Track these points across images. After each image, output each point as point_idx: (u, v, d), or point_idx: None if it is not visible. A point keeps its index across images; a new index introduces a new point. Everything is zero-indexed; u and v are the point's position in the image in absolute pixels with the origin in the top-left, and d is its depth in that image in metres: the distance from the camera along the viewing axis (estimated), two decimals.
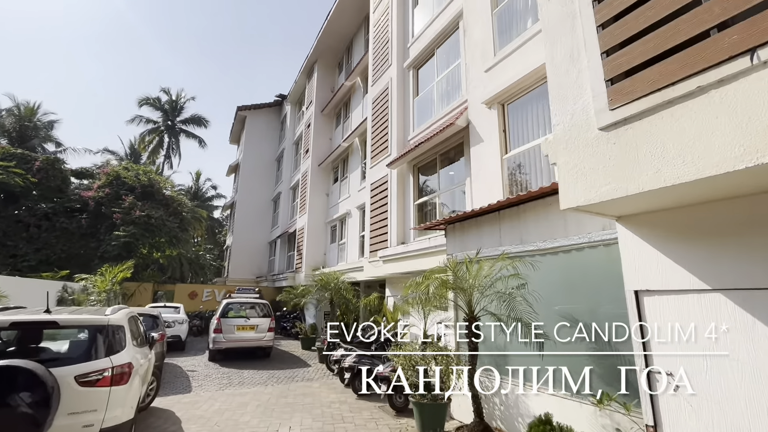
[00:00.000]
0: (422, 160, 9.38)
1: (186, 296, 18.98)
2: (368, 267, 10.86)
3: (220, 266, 35.62)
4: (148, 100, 28.10)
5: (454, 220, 6.09)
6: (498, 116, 6.60)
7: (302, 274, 16.76)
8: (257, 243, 24.39)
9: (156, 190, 19.38)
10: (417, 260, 8.20)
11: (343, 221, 16.15)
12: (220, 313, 10.41)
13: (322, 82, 19.37)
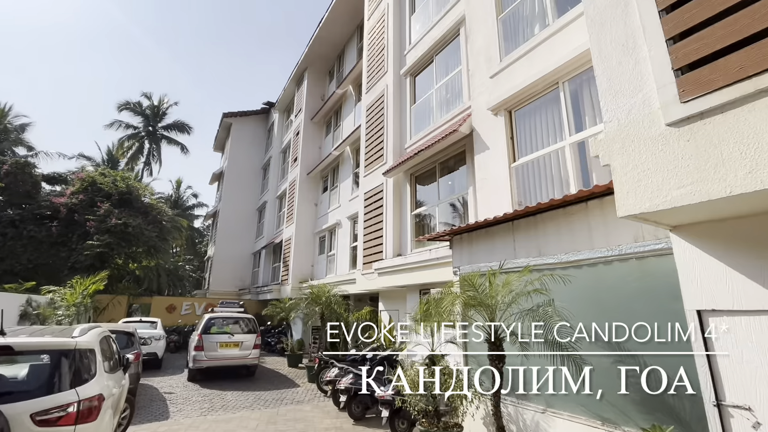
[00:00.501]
0: (420, 168, 9.06)
1: (163, 310, 17.94)
2: (361, 279, 10.37)
3: (200, 278, 34.29)
4: (129, 105, 27.12)
5: (461, 230, 5.73)
6: (505, 123, 6.34)
7: (288, 287, 16.08)
8: (240, 254, 23.51)
9: (135, 198, 18.43)
10: (416, 273, 7.79)
11: (332, 232, 15.63)
12: (202, 328, 9.69)
13: (312, 90, 19.02)
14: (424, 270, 7.56)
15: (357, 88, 15.55)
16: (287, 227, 17.79)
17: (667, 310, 3.31)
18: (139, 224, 17.16)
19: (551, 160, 5.70)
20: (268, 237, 21.19)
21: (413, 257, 7.93)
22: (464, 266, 5.66)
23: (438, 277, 7.13)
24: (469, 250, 5.65)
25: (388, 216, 9.61)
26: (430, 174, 8.88)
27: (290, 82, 20.90)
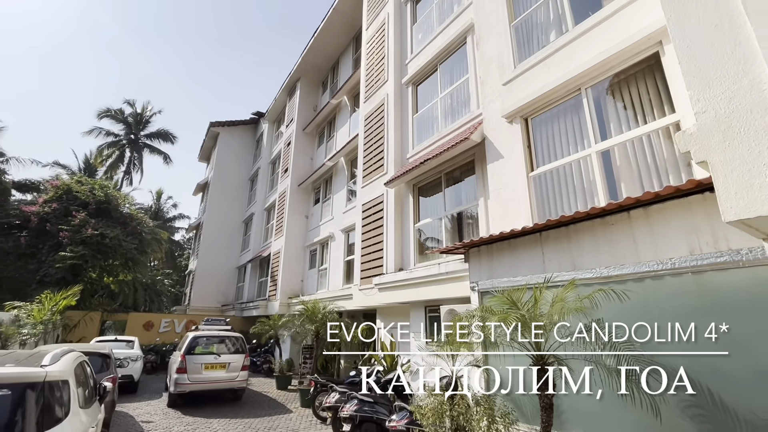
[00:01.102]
0: (424, 179, 8.71)
1: (140, 327, 16.80)
2: (358, 295, 9.82)
3: (179, 293, 32.80)
4: (110, 112, 26.13)
5: (479, 243, 5.33)
6: (521, 131, 6.07)
7: (276, 303, 15.30)
8: (224, 268, 22.52)
9: (113, 207, 17.43)
10: (422, 288, 7.33)
11: (324, 245, 15.05)
12: (186, 349, 8.90)
13: (304, 100, 18.68)
14: (431, 285, 7.11)
15: (352, 98, 15.29)
16: (276, 240, 17.10)
17: (735, 332, 2.96)
18: (117, 235, 16.17)
19: (573, 170, 5.42)
20: (255, 250, 20.37)
21: (419, 272, 7.48)
22: (483, 281, 5.24)
23: (448, 292, 6.69)
24: (489, 264, 5.25)
25: (389, 228, 9.17)
26: (435, 185, 8.53)
27: (282, 92, 20.53)
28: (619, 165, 4.90)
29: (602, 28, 5.23)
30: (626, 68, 4.97)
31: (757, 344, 2.92)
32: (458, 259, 6.43)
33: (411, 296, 7.63)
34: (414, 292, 7.55)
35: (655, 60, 4.71)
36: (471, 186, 7.58)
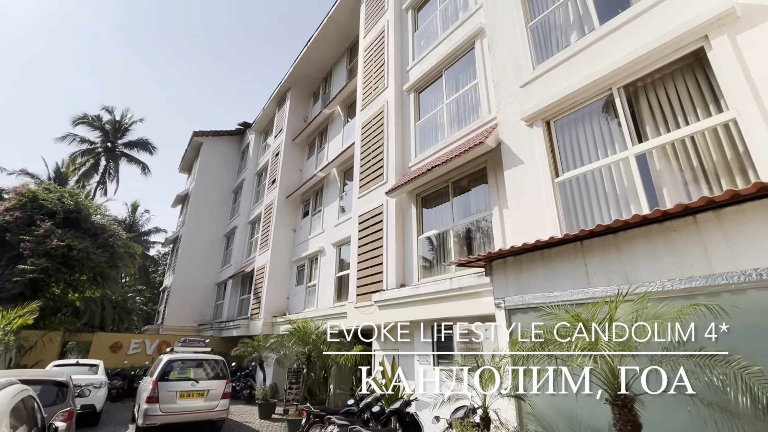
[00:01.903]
0: (429, 188, 8.17)
1: (106, 348, 15.34)
2: (354, 314, 9.04)
3: (151, 311, 30.85)
4: (86, 119, 24.86)
5: (505, 254, 4.76)
6: (543, 134, 5.63)
7: (260, 322, 14.25)
8: (202, 284, 21.19)
9: (84, 217, 16.13)
10: (431, 306, 6.66)
11: (313, 260, 14.22)
12: (159, 374, 7.86)
13: (294, 110, 18.13)
14: (441, 302, 6.46)
15: (346, 108, 14.85)
16: (261, 254, 16.13)
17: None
18: (85, 247, 14.87)
19: (603, 175, 4.97)
20: (237, 265, 19.25)
21: (426, 287, 6.82)
22: (511, 298, 4.64)
23: (462, 310, 6.05)
24: (517, 278, 4.66)
25: (390, 241, 8.53)
26: (441, 194, 8.00)
27: (271, 102, 19.95)
28: (659, 169, 4.47)
29: (634, 24, 4.90)
30: (664, 66, 4.62)
31: None
32: (475, 273, 5.84)
33: (417, 314, 6.94)
34: (420, 310, 6.87)
35: (698, 56, 4.37)
36: (482, 195, 7.08)
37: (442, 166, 7.14)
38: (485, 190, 6.99)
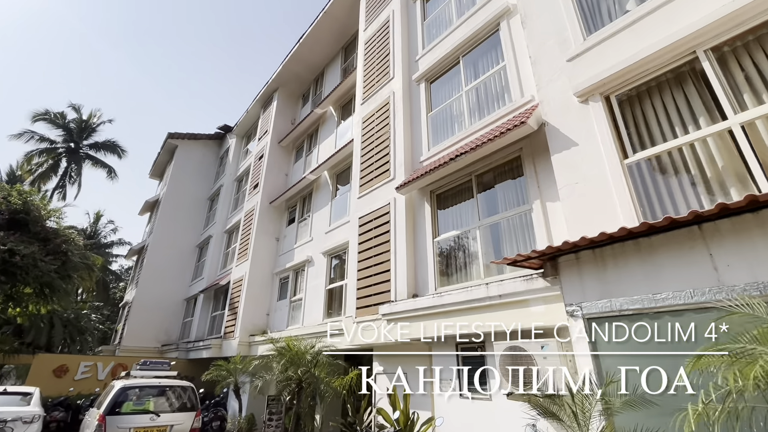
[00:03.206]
0: (447, 183, 7.12)
1: (49, 373, 13.11)
2: (353, 330, 7.70)
3: (109, 330, 27.91)
4: (47, 115, 22.70)
5: (581, 245, 3.69)
6: (604, 110, 4.72)
7: (235, 341, 12.55)
8: (169, 299, 19.08)
9: (33, 219, 14.05)
10: (458, 319, 5.48)
11: (299, 271, 12.79)
12: (109, 405, 6.22)
13: (281, 112, 16.95)
14: (473, 314, 5.29)
15: (340, 108, 13.84)
16: (239, 265, 14.50)
17: None
18: (32, 253, 12.83)
19: (688, 153, 4.07)
20: (210, 278, 17.41)
21: (452, 296, 5.64)
22: (591, 303, 3.55)
23: (503, 323, 4.89)
24: (599, 278, 3.59)
25: (399, 245, 7.36)
26: (461, 190, 6.96)
27: (255, 104, 18.72)
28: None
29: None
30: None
31: None
32: (522, 277, 4.74)
33: (438, 329, 5.71)
34: (444, 324, 5.66)
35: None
36: (515, 188, 6.08)
37: (469, 153, 6.12)
38: (520, 183, 6.00)
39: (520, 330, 4.79)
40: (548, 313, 4.44)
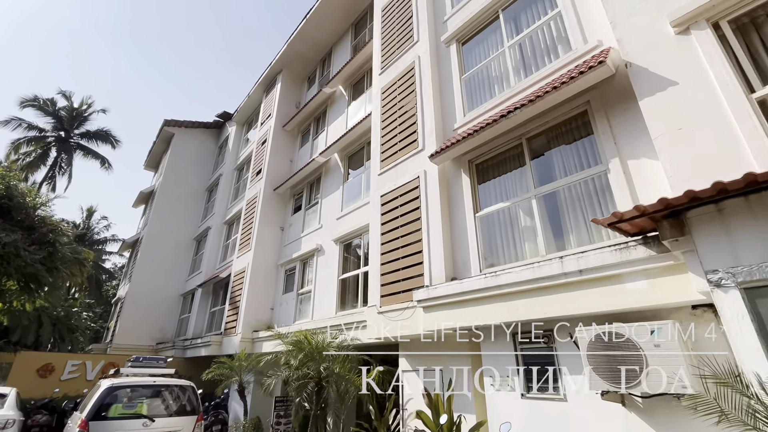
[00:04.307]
0: (489, 150, 6.16)
1: (33, 372, 11.99)
2: (377, 321, 6.70)
3: (101, 328, 26.71)
4: (36, 102, 21.52)
5: (729, 191, 2.72)
6: (714, 39, 3.78)
7: (236, 338, 11.51)
8: (164, 295, 17.99)
9: (17, 206, 12.95)
10: (523, 302, 4.49)
11: (306, 262, 11.78)
12: (93, 408, 5.20)
13: (285, 95, 15.93)
14: (543, 294, 4.31)
15: (350, 87, 12.87)
16: (240, 257, 13.46)
17: None
18: (14, 242, 11.73)
19: None
20: (209, 272, 16.35)
21: (512, 275, 4.64)
22: (750, 267, 2.58)
23: (586, 304, 3.93)
24: (761, 232, 2.63)
25: (432, 223, 6.39)
26: (508, 158, 6.00)
27: (257, 88, 17.69)
28: None
29: None
30: None
31: None
32: (613, 246, 3.78)
33: (493, 315, 4.74)
34: (501, 309, 4.68)
35: None
36: (579, 150, 5.12)
37: (528, 107, 5.14)
38: (588, 143, 5.05)
39: (610, 312, 3.84)
40: (653, 290, 3.48)
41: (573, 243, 4.86)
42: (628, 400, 3.68)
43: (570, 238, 4.94)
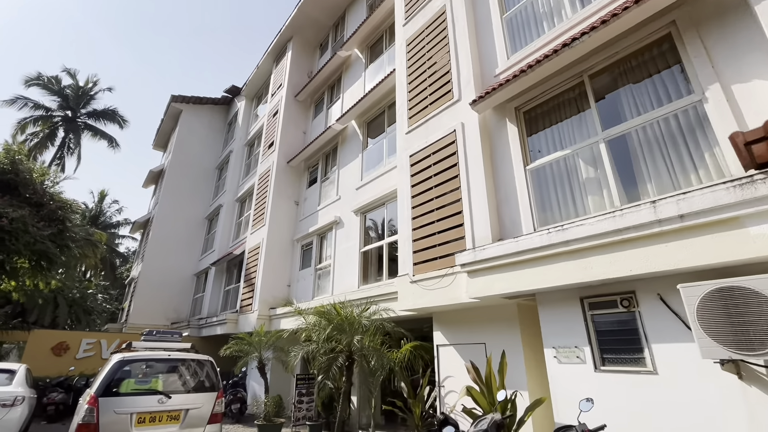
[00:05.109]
0: (542, 93, 5.35)
1: (47, 350, 11.74)
2: (410, 292, 6.04)
3: (117, 310, 26.81)
4: (41, 79, 20.96)
5: None
6: None
7: (253, 315, 11.05)
8: (178, 275, 17.66)
9: (23, 181, 12.50)
10: (600, 259, 3.76)
11: (324, 236, 11.18)
12: (103, 383, 4.69)
13: (297, 63, 15.07)
14: (627, 248, 3.56)
15: (367, 49, 11.98)
16: (254, 233, 12.91)
17: None
18: (22, 217, 11.30)
19: None
20: (222, 250, 15.90)
21: (585, 227, 3.87)
22: None
23: (694, 253, 3.18)
24: None
25: (474, 180, 5.65)
26: (564, 102, 5.18)
27: (266, 58, 16.83)
28: None
29: None
30: None
31: None
32: (729, 183, 3.00)
33: (559, 276, 4.03)
34: (567, 269, 3.96)
35: None
36: (660, 82, 4.29)
37: (592, 34, 4.30)
38: (669, 75, 4.22)
39: (720, 266, 3.10)
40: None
41: (653, 192, 4.09)
42: (745, 372, 2.98)
43: (647, 187, 4.17)
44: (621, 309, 3.83)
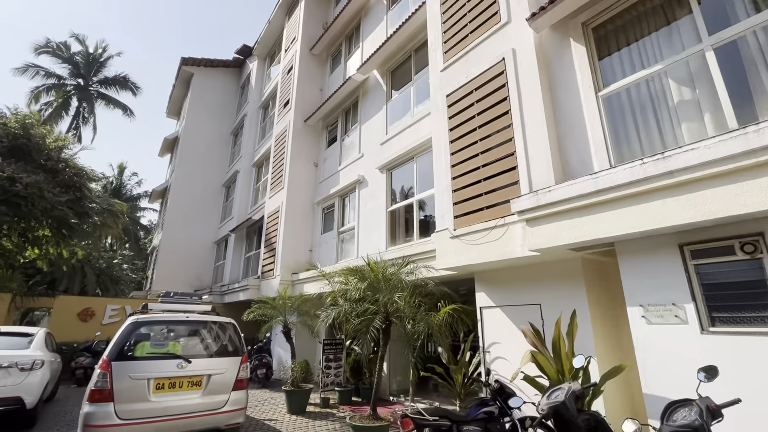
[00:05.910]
0: (620, 3, 4.31)
1: (74, 316, 11.73)
2: (450, 249, 5.32)
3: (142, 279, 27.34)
4: (50, 46, 20.36)
5: None
6: None
7: (275, 281, 10.64)
8: (198, 243, 17.49)
9: (35, 147, 12.15)
10: (719, 190, 2.91)
11: (347, 196, 10.49)
12: (116, 346, 4.25)
13: (311, 14, 13.91)
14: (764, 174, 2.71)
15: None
16: (273, 196, 12.34)
17: None
18: (36, 182, 10.98)
19: None
20: (240, 216, 15.50)
21: (698, 152, 3.01)
22: None
23: None
24: None
25: (530, 114, 4.75)
26: (650, 9, 4.15)
27: (278, 11, 15.66)
28: None
29: None
30: None
31: None
32: None
33: (655, 218, 3.20)
34: (667, 208, 3.13)
35: None
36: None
37: None
38: None
39: None
40: None
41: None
42: None
43: None
44: (741, 256, 3.01)
